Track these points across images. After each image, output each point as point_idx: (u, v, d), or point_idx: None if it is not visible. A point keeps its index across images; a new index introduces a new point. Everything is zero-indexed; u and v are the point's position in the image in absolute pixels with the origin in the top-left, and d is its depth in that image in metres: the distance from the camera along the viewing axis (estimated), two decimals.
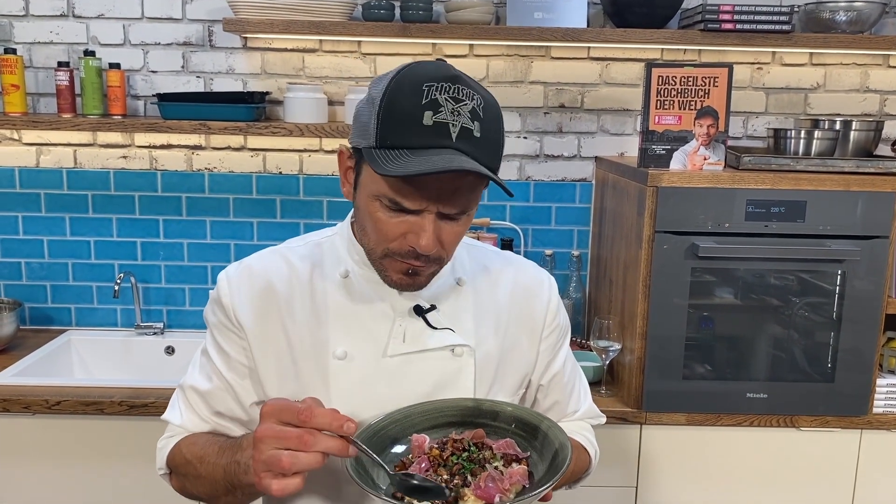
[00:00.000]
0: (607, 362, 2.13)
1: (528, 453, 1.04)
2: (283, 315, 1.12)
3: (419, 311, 1.13)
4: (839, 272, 2.02)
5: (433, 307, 1.14)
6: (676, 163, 2.01)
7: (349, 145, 1.07)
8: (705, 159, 2.00)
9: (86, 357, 2.45)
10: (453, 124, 0.95)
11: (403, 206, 0.99)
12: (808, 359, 2.09)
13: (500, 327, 1.19)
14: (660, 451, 2.08)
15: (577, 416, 1.30)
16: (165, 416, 1.18)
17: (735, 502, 2.11)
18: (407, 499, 0.94)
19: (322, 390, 1.08)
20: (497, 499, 0.94)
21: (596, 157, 2.48)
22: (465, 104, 0.97)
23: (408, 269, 1.05)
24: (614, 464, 2.05)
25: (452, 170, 0.92)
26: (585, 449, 1.28)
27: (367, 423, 1.05)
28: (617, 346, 2.10)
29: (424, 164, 0.92)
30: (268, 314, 1.12)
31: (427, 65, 1.01)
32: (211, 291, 1.16)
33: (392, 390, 1.10)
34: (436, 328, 1.13)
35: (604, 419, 1.37)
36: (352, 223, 1.15)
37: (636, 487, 2.09)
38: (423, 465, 1.00)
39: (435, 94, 0.95)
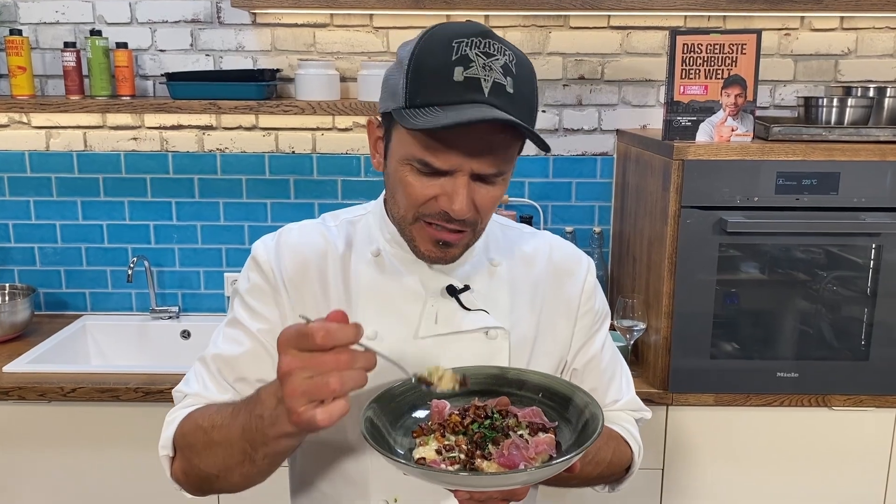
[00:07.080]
0: (632, 342, 2.08)
1: (556, 423, 0.99)
2: (316, 290, 1.09)
3: (452, 291, 1.08)
4: (873, 245, 1.95)
5: (467, 287, 1.09)
6: (703, 135, 1.94)
7: (378, 116, 1.04)
8: (733, 130, 1.93)
9: (101, 342, 2.42)
10: (485, 79, 0.92)
11: (434, 165, 0.94)
12: (840, 336, 2.03)
13: (535, 309, 1.14)
14: (687, 432, 2.02)
15: (618, 406, 1.23)
16: (178, 387, 1.10)
17: (765, 484, 2.06)
18: (425, 463, 0.91)
19: None
20: (522, 465, 0.89)
21: (617, 131, 2.40)
22: (497, 59, 0.93)
23: (438, 241, 1.00)
24: None
25: (485, 120, 0.88)
26: (626, 442, 1.21)
27: (386, 386, 1.01)
28: (642, 326, 2.04)
29: (455, 117, 0.88)
30: (303, 286, 1.09)
31: (456, 24, 0.97)
32: (247, 262, 1.12)
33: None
34: (469, 309, 1.08)
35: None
36: (384, 200, 1.11)
37: (662, 470, 2.04)
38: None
39: (465, 50, 0.92)
